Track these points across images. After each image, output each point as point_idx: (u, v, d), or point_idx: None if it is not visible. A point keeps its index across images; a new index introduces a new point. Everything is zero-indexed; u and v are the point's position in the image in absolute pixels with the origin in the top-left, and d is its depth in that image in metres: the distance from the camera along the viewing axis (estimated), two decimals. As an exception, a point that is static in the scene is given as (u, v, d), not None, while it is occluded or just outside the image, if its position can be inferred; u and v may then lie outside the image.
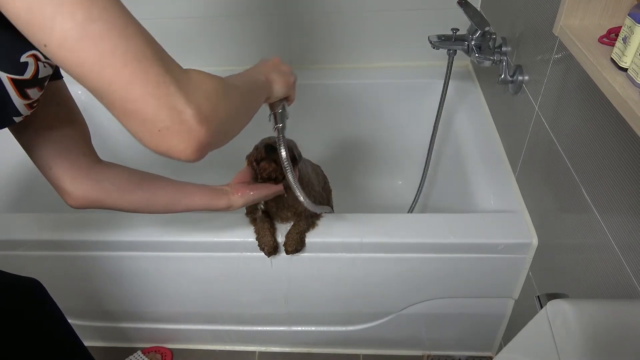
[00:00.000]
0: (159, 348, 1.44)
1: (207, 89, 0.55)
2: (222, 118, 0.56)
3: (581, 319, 0.59)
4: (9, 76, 0.56)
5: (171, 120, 0.50)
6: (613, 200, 0.76)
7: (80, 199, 0.80)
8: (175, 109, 0.50)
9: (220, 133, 0.56)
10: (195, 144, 0.52)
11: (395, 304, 1.26)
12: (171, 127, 0.50)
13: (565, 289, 0.94)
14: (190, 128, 0.51)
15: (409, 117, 1.70)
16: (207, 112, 0.53)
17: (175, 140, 0.51)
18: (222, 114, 0.56)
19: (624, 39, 0.65)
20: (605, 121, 0.77)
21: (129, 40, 0.48)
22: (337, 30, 1.61)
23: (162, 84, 0.49)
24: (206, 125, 0.52)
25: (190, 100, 0.51)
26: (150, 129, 0.50)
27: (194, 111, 0.51)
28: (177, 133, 0.51)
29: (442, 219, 1.12)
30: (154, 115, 0.49)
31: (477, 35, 1.22)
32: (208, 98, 0.54)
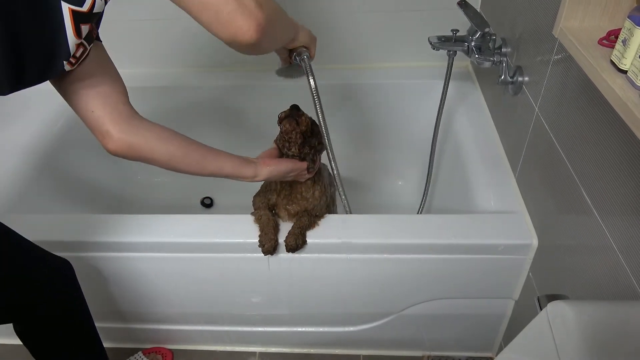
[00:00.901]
0: (160, 349, 1.44)
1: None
2: (271, 12, 0.71)
3: (581, 320, 0.59)
4: (70, 7, 0.65)
5: (235, 4, 0.66)
6: (613, 201, 0.76)
7: (120, 143, 0.82)
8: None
9: (270, 24, 0.70)
10: (255, 24, 0.67)
11: (395, 304, 1.26)
12: (237, 9, 0.66)
13: (565, 290, 0.94)
14: (251, 10, 0.67)
15: (409, 118, 1.70)
16: (261, 1, 0.68)
17: (240, 21, 0.66)
18: (271, 9, 0.71)
19: (624, 41, 0.66)
20: (605, 123, 0.77)
21: None
22: (337, 31, 1.61)
23: None
24: (261, 9, 0.68)
25: None
26: (221, 14, 0.66)
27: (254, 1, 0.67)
28: (241, 14, 0.66)
29: (442, 220, 1.12)
30: (224, 2, 0.65)
31: (477, 36, 1.22)
32: None
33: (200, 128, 1.76)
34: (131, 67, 1.62)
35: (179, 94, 1.70)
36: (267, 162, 1.01)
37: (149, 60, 1.70)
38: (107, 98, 0.81)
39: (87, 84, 0.80)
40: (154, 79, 1.69)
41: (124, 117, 0.82)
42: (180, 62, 1.71)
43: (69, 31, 0.66)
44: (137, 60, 1.69)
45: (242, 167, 0.98)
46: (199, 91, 1.70)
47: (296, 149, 1.06)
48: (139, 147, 0.84)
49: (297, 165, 1.06)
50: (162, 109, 1.69)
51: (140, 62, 1.69)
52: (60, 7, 0.64)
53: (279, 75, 1.08)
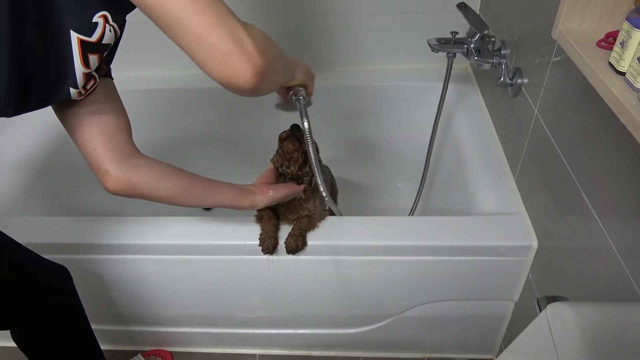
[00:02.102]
0: (159, 351, 1.44)
1: (261, 34, 0.66)
2: (271, 57, 0.66)
3: (581, 322, 0.59)
4: (78, 36, 0.65)
5: (234, 45, 0.60)
6: (612, 203, 0.76)
7: (119, 182, 0.83)
8: (238, 37, 0.61)
9: (270, 70, 0.65)
10: (253, 69, 0.62)
11: (395, 306, 1.26)
12: (234, 52, 0.61)
13: (565, 291, 0.94)
14: (250, 54, 0.62)
15: (408, 120, 1.70)
16: (263, 46, 0.64)
17: (236, 64, 0.61)
18: (271, 55, 0.66)
19: (622, 43, 0.66)
20: (604, 124, 0.78)
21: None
22: (336, 33, 1.62)
23: (227, 18, 0.60)
24: (262, 54, 0.63)
25: (249, 34, 0.62)
26: (216, 53, 0.60)
27: (252, 41, 0.62)
28: (238, 57, 0.61)
29: (442, 222, 1.12)
30: (220, 40, 0.60)
31: (476, 38, 1.22)
32: (263, 39, 0.65)
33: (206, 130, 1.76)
34: (136, 70, 1.63)
35: (185, 96, 1.70)
36: (264, 191, 1.01)
37: (154, 62, 1.70)
38: (109, 136, 0.81)
39: (91, 120, 0.80)
40: (159, 81, 1.69)
41: (125, 156, 0.82)
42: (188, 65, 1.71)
43: (77, 59, 0.67)
44: (143, 62, 1.69)
45: (240, 198, 0.98)
46: (205, 94, 1.71)
47: (296, 168, 1.06)
48: (137, 187, 0.84)
49: (294, 190, 1.06)
50: (168, 111, 1.69)
51: (144, 64, 1.69)
52: (69, 35, 0.65)
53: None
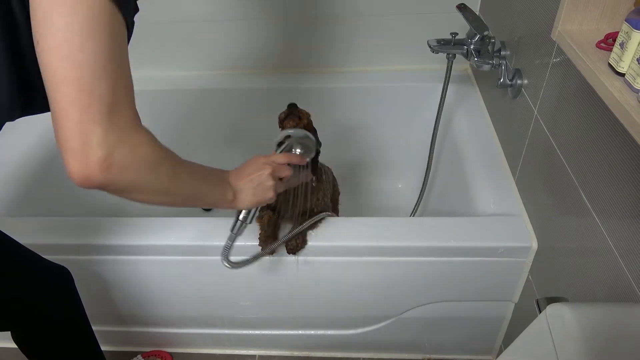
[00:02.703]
0: (159, 352, 1.44)
1: (136, 153, 0.61)
2: (128, 180, 0.62)
3: (580, 323, 0.59)
4: None
5: (77, 147, 0.57)
6: (612, 204, 0.76)
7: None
8: (87, 144, 0.57)
9: (118, 189, 0.63)
10: (81, 174, 0.58)
11: (395, 307, 1.26)
12: (74, 150, 0.57)
13: (564, 292, 0.94)
14: (88, 163, 0.58)
15: (408, 121, 1.70)
16: (117, 167, 0.59)
17: (70, 158, 0.58)
18: (132, 178, 0.62)
19: (621, 44, 0.66)
20: (604, 125, 0.78)
21: (97, 79, 0.56)
22: (336, 34, 1.62)
23: (93, 122, 0.57)
24: (106, 174, 0.59)
25: (108, 148, 0.58)
26: (61, 138, 0.58)
27: (102, 155, 0.58)
28: (75, 156, 0.58)
29: (442, 223, 1.12)
30: (71, 135, 0.57)
31: (476, 39, 1.22)
32: (130, 159, 0.61)
33: (207, 130, 1.76)
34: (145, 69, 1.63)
35: (185, 96, 1.70)
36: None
37: (154, 63, 1.70)
38: None
39: None
40: (159, 81, 1.69)
41: None
42: (188, 65, 1.71)
43: None
44: (151, 61, 1.69)
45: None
46: (206, 94, 1.71)
47: None
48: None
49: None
50: (169, 111, 1.70)
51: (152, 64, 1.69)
52: None
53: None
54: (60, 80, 0.56)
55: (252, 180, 0.86)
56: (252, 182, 0.86)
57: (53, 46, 0.55)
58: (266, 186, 0.87)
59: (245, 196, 0.86)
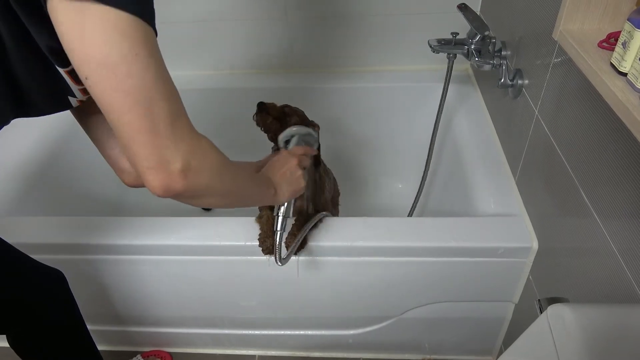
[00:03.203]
0: (159, 352, 1.44)
1: (206, 158, 0.65)
2: (204, 186, 0.66)
3: (581, 323, 0.58)
4: (65, 70, 0.66)
5: (156, 164, 0.60)
6: (613, 204, 0.76)
7: (137, 178, 0.83)
8: (165, 160, 0.60)
9: (194, 194, 0.66)
10: (165, 187, 0.62)
11: (395, 307, 1.26)
12: (154, 169, 0.60)
13: (565, 293, 0.94)
14: (171, 176, 0.61)
15: (409, 121, 1.70)
16: (193, 174, 0.63)
17: (151, 176, 0.61)
18: (205, 182, 0.66)
19: (624, 43, 0.66)
20: (605, 125, 0.77)
21: (153, 99, 0.58)
22: (337, 34, 1.62)
23: (163, 138, 0.59)
24: (186, 180, 0.62)
25: (184, 158, 0.61)
26: (140, 162, 0.60)
27: (180, 166, 0.61)
28: (156, 173, 0.61)
29: (442, 223, 1.12)
30: (147, 157, 0.60)
31: (476, 39, 1.22)
32: (203, 164, 0.64)
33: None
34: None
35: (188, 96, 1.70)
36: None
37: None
38: None
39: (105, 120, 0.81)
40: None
41: None
42: (191, 65, 1.71)
43: (69, 81, 0.68)
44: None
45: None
46: (208, 94, 1.71)
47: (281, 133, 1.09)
48: None
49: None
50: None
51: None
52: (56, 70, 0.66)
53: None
54: (119, 111, 0.57)
55: (285, 173, 0.90)
56: (285, 175, 0.90)
57: (101, 80, 0.56)
58: (297, 175, 0.92)
59: (283, 189, 0.90)
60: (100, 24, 0.54)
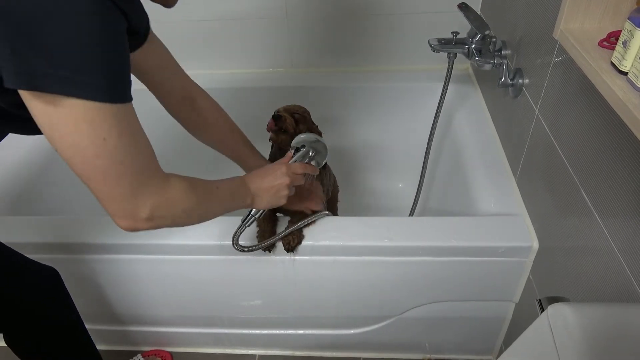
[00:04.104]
0: (159, 351, 1.44)
1: (171, 206, 0.70)
2: (169, 224, 0.72)
3: (582, 322, 0.58)
4: None
5: (127, 215, 0.66)
6: (614, 203, 0.76)
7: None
8: (134, 213, 0.66)
9: (159, 228, 0.71)
10: (129, 229, 0.68)
11: (395, 307, 1.26)
12: (124, 218, 0.66)
13: (566, 292, 0.94)
14: (136, 222, 0.67)
15: (409, 120, 1.70)
16: (158, 219, 0.69)
17: (121, 222, 0.67)
18: (170, 222, 0.72)
19: (624, 42, 0.66)
20: (606, 124, 0.77)
21: (119, 170, 0.62)
22: (337, 34, 1.62)
23: (130, 197, 0.65)
24: (149, 224, 0.68)
25: (150, 209, 0.67)
26: (108, 211, 0.66)
27: (147, 215, 0.67)
28: (123, 218, 0.67)
29: (442, 222, 1.12)
30: (116, 211, 0.66)
31: (477, 38, 1.22)
32: (168, 212, 0.70)
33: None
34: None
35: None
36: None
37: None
38: None
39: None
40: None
41: None
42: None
43: None
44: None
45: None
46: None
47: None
48: None
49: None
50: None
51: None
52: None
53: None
54: (87, 178, 0.62)
55: (271, 189, 0.93)
56: (269, 191, 0.93)
57: (70, 156, 0.60)
58: (281, 195, 0.94)
59: (261, 201, 0.93)
60: (69, 116, 0.56)
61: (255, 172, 0.95)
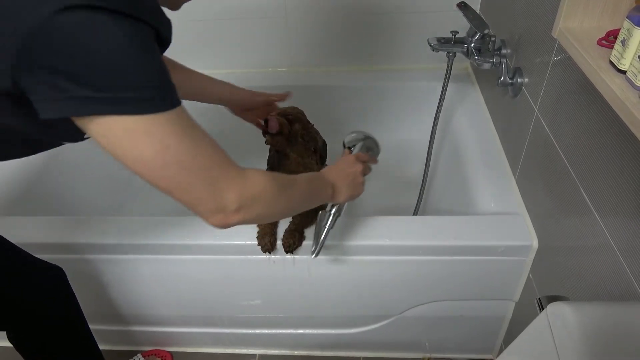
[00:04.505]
0: (159, 351, 1.44)
1: (256, 192, 0.70)
2: (258, 214, 0.72)
3: (581, 321, 0.58)
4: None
5: (214, 204, 0.66)
6: (613, 202, 0.76)
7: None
8: (221, 210, 0.67)
9: (250, 221, 0.72)
10: (222, 225, 0.69)
11: (396, 306, 1.26)
12: (212, 211, 0.67)
13: (565, 291, 0.94)
14: (227, 215, 0.67)
15: (409, 120, 1.70)
16: (246, 209, 0.68)
17: (211, 220, 0.68)
18: (259, 212, 0.71)
19: (623, 41, 0.66)
20: (605, 123, 0.77)
21: (192, 174, 0.63)
22: (337, 33, 1.61)
23: (212, 199, 0.65)
24: (239, 216, 0.68)
25: (236, 197, 0.67)
26: (197, 213, 0.67)
27: (235, 207, 0.67)
28: (213, 215, 0.67)
29: (442, 222, 1.12)
30: (203, 213, 0.67)
31: (476, 37, 1.22)
32: (253, 199, 0.69)
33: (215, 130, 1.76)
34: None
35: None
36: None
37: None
38: None
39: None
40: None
41: None
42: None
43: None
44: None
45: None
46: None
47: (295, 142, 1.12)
48: None
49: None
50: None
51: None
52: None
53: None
54: (165, 190, 0.63)
55: (348, 176, 0.93)
56: (347, 179, 0.93)
57: (140, 172, 0.61)
58: (358, 182, 0.95)
59: (342, 191, 0.92)
60: (125, 134, 0.58)
61: (327, 167, 0.96)
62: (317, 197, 0.87)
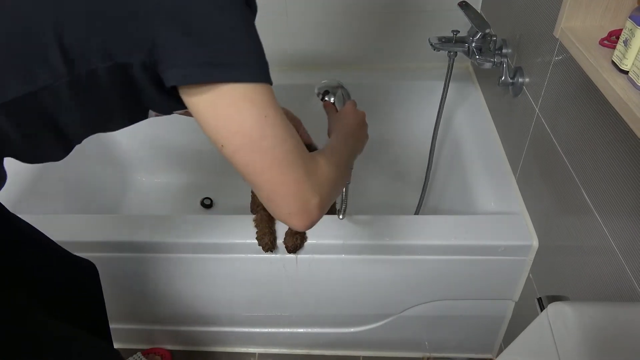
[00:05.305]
0: (158, 349, 1.44)
1: (329, 181, 0.68)
2: (332, 199, 0.71)
3: (582, 321, 0.58)
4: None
5: (299, 209, 0.64)
6: (614, 202, 0.76)
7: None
8: (305, 202, 0.64)
9: (326, 209, 0.69)
10: (309, 224, 0.66)
11: (395, 305, 1.26)
12: (297, 213, 0.64)
13: (566, 291, 0.94)
14: (311, 213, 0.65)
15: (409, 119, 1.69)
16: (326, 200, 0.67)
17: (295, 220, 0.65)
18: (333, 196, 0.71)
19: (625, 41, 0.65)
20: (606, 123, 0.77)
21: (286, 151, 0.61)
22: (337, 32, 1.61)
23: (301, 184, 0.63)
24: (322, 209, 0.66)
25: (317, 192, 0.65)
26: (282, 211, 0.64)
27: (317, 201, 0.65)
28: (299, 216, 0.65)
29: (442, 221, 1.12)
30: (289, 205, 0.64)
31: (477, 37, 1.22)
32: (329, 188, 0.68)
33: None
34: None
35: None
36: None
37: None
38: None
39: None
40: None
41: None
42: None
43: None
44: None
45: None
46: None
47: None
48: None
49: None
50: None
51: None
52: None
53: None
54: (258, 171, 0.61)
55: (363, 126, 0.92)
56: (364, 128, 0.92)
57: (238, 147, 0.60)
58: (366, 129, 0.93)
59: (363, 141, 0.91)
60: (231, 99, 0.58)
61: (331, 121, 0.94)
62: (352, 157, 0.85)
